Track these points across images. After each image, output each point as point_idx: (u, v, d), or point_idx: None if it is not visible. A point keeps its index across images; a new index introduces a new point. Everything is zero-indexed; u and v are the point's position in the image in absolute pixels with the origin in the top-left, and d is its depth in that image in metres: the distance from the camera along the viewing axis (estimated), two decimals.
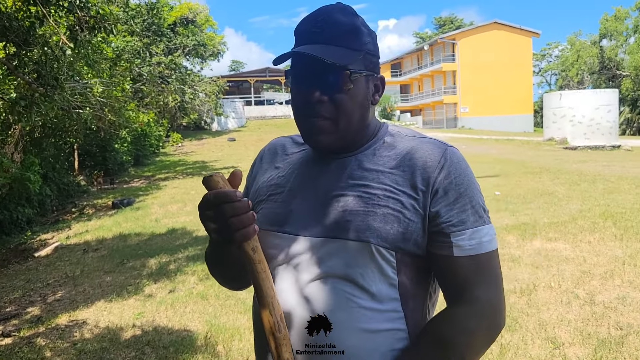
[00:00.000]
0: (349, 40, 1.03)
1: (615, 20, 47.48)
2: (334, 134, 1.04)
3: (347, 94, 1.03)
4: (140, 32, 21.46)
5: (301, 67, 1.04)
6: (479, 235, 1.01)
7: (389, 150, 1.08)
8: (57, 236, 9.35)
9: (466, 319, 0.99)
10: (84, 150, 17.22)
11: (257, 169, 1.23)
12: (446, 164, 1.03)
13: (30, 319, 4.89)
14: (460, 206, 1.01)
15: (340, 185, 1.05)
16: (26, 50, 5.56)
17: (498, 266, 1.05)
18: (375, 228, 0.99)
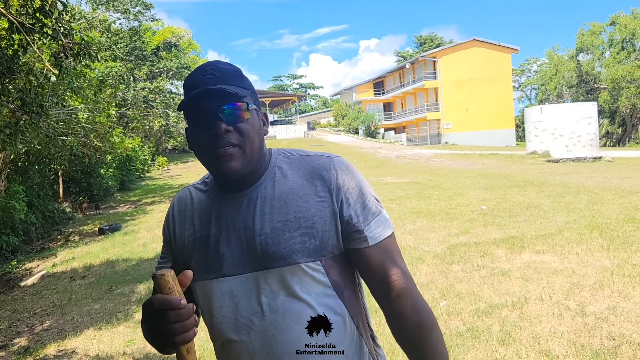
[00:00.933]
0: (237, 81, 1.17)
1: (590, 35, 48.56)
2: (242, 159, 1.14)
3: (247, 122, 1.16)
4: (124, 57, 21.46)
5: (203, 105, 1.13)
6: (381, 220, 1.19)
7: (286, 175, 1.21)
8: (42, 264, 9.20)
9: (412, 299, 1.15)
10: (68, 176, 17.05)
11: (173, 226, 1.30)
12: (339, 173, 1.18)
13: (17, 350, 4.80)
14: (361, 204, 1.18)
15: (255, 221, 1.17)
16: (10, 78, 5.53)
17: (396, 244, 1.24)
18: (298, 250, 1.13)
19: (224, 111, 1.13)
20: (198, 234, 1.23)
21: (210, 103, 1.13)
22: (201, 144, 1.16)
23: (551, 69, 52.43)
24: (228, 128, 1.13)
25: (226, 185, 1.22)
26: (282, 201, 1.17)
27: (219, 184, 1.25)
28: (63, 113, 7.72)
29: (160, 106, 23.53)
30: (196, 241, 1.23)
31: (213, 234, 1.21)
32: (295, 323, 1.13)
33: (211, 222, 1.22)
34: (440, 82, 42.08)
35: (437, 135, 42.18)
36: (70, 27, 4.95)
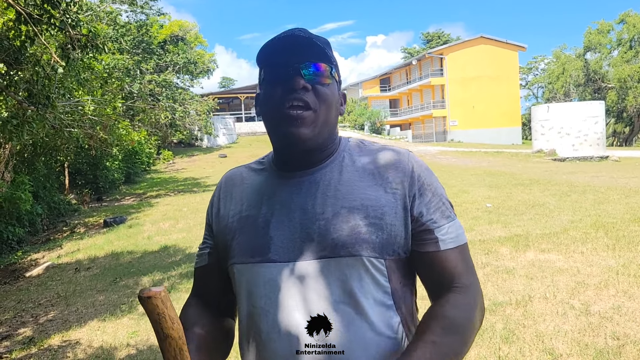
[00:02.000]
0: (327, 48, 1.06)
1: (598, 34, 48.24)
2: (313, 127, 1.03)
3: (328, 87, 1.05)
4: (130, 50, 21.48)
5: (283, 56, 1.03)
6: (455, 228, 1.08)
7: (355, 162, 1.09)
8: (48, 255, 9.25)
9: (467, 304, 1.03)
10: (74, 168, 17.12)
11: (218, 206, 1.18)
12: (414, 168, 1.08)
13: (22, 340, 4.82)
14: (435, 204, 1.07)
15: (316, 204, 1.04)
16: (17, 69, 5.55)
17: (470, 256, 1.12)
18: (363, 240, 1.00)
19: (306, 66, 1.03)
20: (245, 214, 1.11)
21: (293, 55, 1.02)
22: (272, 102, 1.04)
23: (558, 67, 52.14)
24: (306, 85, 1.02)
25: (287, 160, 1.10)
26: (349, 187, 1.05)
27: (278, 158, 1.13)
28: (70, 105, 7.74)
29: (167, 100, 23.55)
30: (242, 221, 1.10)
31: (263, 214, 1.08)
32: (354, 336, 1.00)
33: (262, 201, 1.10)
34: (446, 79, 41.92)
35: (442, 133, 42.05)
36: (78, 19, 4.95)
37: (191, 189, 17.76)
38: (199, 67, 33.69)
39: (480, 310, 1.05)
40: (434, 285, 1.07)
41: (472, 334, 1.02)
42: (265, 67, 1.08)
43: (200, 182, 19.73)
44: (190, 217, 11.39)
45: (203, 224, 5.87)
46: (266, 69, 1.07)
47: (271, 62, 1.06)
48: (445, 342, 0.96)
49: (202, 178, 20.90)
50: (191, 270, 6.71)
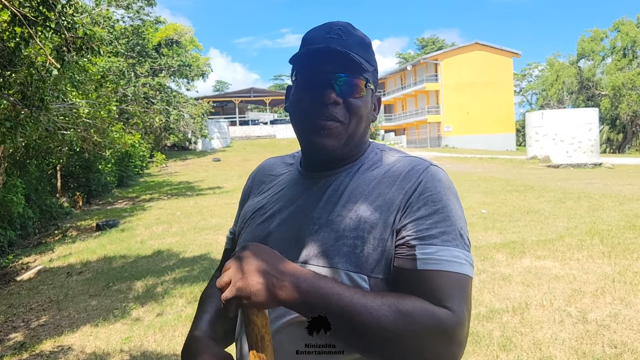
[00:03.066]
0: (364, 53, 1.03)
1: (591, 41, 48.61)
2: (340, 139, 1.02)
3: (360, 100, 1.02)
4: (125, 53, 21.40)
5: (317, 66, 1.01)
6: (449, 254, 0.92)
7: (371, 170, 1.05)
8: (39, 259, 9.15)
9: (430, 311, 0.87)
10: (67, 171, 17.00)
11: (248, 193, 1.23)
12: (423, 182, 0.98)
13: (13, 345, 4.75)
14: (432, 222, 0.94)
15: (317, 208, 1.03)
16: (11, 70, 5.49)
17: (470, 295, 0.94)
18: (345, 253, 0.95)
19: (339, 79, 1.00)
20: (261, 204, 1.13)
21: (327, 66, 1.00)
22: (301, 109, 1.03)
23: (552, 74, 52.50)
24: (337, 100, 0.99)
25: (310, 162, 1.10)
26: (352, 195, 1.01)
27: (303, 159, 1.13)
28: (64, 107, 7.68)
29: (161, 103, 23.48)
30: (255, 210, 1.13)
31: (272, 209, 1.10)
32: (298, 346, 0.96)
33: (277, 197, 1.12)
34: (441, 84, 42.08)
35: (437, 138, 42.18)
36: (74, 21, 4.91)
37: (185, 192, 17.69)
38: (193, 71, 33.64)
39: (439, 331, 0.86)
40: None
41: (400, 347, 0.86)
42: (299, 69, 1.05)
43: (194, 185, 19.65)
44: (184, 221, 11.32)
45: (196, 229, 5.89)
46: (299, 70, 1.05)
47: (305, 67, 1.04)
48: (372, 319, 0.85)
49: (196, 182, 20.82)
50: (185, 276, 6.68)
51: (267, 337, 0.87)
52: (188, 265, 7.25)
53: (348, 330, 0.87)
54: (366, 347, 0.88)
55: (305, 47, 1.02)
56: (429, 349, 0.87)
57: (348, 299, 0.86)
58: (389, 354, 0.87)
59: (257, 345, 0.86)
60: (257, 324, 0.86)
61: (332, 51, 0.98)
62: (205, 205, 13.52)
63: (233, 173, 23.19)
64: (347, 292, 0.87)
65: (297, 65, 1.05)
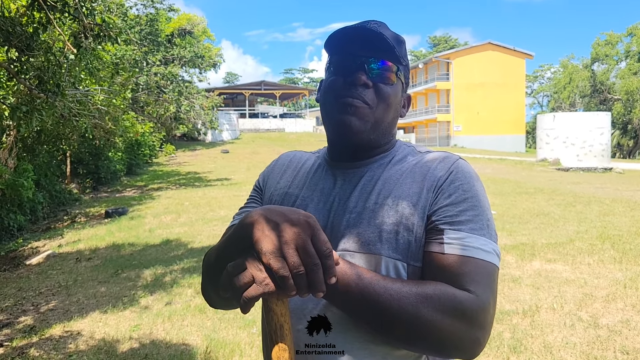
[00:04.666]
0: (399, 47, 1.05)
1: (606, 45, 48.21)
2: (366, 121, 1.02)
3: (390, 87, 1.04)
4: (138, 42, 21.43)
5: (350, 47, 1.02)
6: (477, 242, 0.93)
7: (402, 162, 1.07)
8: (48, 244, 9.20)
9: (451, 293, 0.87)
10: (76, 158, 17.07)
11: (268, 175, 1.22)
12: (454, 172, 1.00)
13: (22, 328, 4.78)
14: (461, 210, 0.96)
15: (351, 197, 1.03)
16: (28, 55, 5.50)
17: (496, 285, 0.94)
18: (386, 240, 0.96)
19: (371, 63, 1.01)
20: (289, 190, 1.13)
21: (360, 48, 1.01)
22: (331, 91, 1.04)
23: (565, 77, 52.13)
24: (368, 82, 1.00)
25: (339, 149, 1.10)
26: (387, 184, 1.02)
27: (331, 149, 1.13)
28: (79, 94, 7.70)
29: (173, 93, 23.51)
30: (284, 197, 1.13)
31: (303, 196, 1.10)
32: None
33: (306, 184, 1.12)
34: (452, 83, 41.90)
35: (446, 137, 42.04)
36: (92, 8, 4.92)
37: (193, 183, 17.72)
38: (205, 61, 33.65)
39: (462, 316, 0.86)
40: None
41: (432, 323, 0.85)
42: (333, 56, 1.07)
43: (202, 176, 19.68)
44: (192, 211, 11.34)
45: (205, 220, 5.89)
46: (333, 57, 1.07)
47: (339, 51, 1.05)
48: (393, 305, 0.85)
49: (204, 173, 20.86)
50: (193, 266, 6.68)
51: (286, 326, 0.86)
52: (196, 255, 7.27)
53: (369, 312, 0.87)
54: (388, 329, 0.88)
55: (330, 49, 1.05)
56: (450, 332, 0.86)
57: (367, 281, 0.87)
58: (410, 336, 0.88)
59: (277, 334, 0.86)
60: (276, 312, 0.85)
61: (367, 31, 0.99)
62: (213, 197, 13.55)
63: (241, 165, 23.22)
64: (367, 274, 0.88)
65: (331, 49, 1.06)
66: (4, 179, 9.14)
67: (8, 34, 5.20)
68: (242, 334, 4.26)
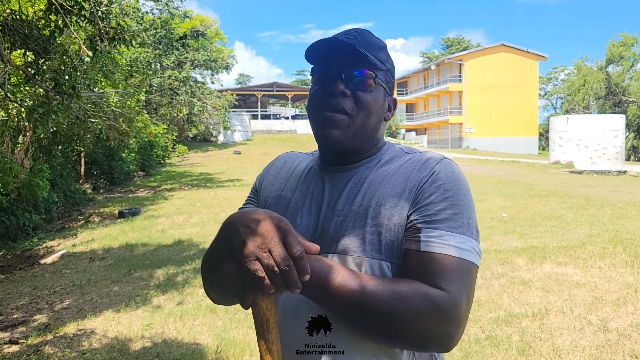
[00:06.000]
0: (377, 53, 1.08)
1: (621, 46, 47.72)
2: (347, 131, 1.06)
3: (369, 94, 1.07)
4: (152, 44, 21.63)
5: (327, 60, 1.06)
6: (453, 239, 0.95)
7: (388, 165, 1.10)
8: (63, 243, 9.34)
9: (423, 291, 0.90)
10: (90, 158, 17.27)
11: (265, 175, 1.27)
12: (436, 172, 1.03)
13: (37, 326, 4.87)
14: (440, 209, 0.98)
15: (340, 200, 1.07)
16: (45, 58, 5.61)
17: (473, 282, 0.96)
18: (369, 241, 1.00)
19: (347, 72, 1.05)
20: (282, 193, 1.18)
21: (336, 59, 1.05)
22: (313, 103, 1.09)
23: (579, 79, 51.65)
24: (345, 91, 1.04)
25: (326, 156, 1.15)
26: (372, 186, 1.06)
27: (320, 155, 1.18)
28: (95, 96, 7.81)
29: (186, 95, 23.69)
30: (278, 200, 1.18)
31: (296, 199, 1.14)
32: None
33: (298, 187, 1.16)
34: (465, 85, 41.70)
35: (458, 139, 41.86)
36: (108, 11, 5.01)
37: (205, 184, 17.84)
38: (218, 64, 33.84)
39: (436, 313, 0.89)
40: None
41: (394, 326, 0.89)
42: (314, 68, 1.11)
43: (214, 177, 19.81)
44: (204, 212, 11.43)
45: (216, 220, 5.95)
46: (314, 68, 1.11)
47: (318, 62, 1.10)
48: (368, 302, 0.89)
49: (217, 174, 20.98)
50: None
51: (272, 320, 0.90)
52: None
53: (345, 308, 0.91)
54: (364, 325, 0.92)
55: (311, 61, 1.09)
56: (424, 329, 0.90)
57: (342, 277, 0.91)
58: (387, 333, 0.92)
59: (263, 327, 0.90)
60: (262, 307, 0.89)
61: (339, 42, 1.03)
62: (225, 197, 13.63)
63: (253, 166, 23.32)
64: (344, 272, 0.93)
65: (313, 62, 1.10)
66: (20, 179, 9.29)
67: (25, 38, 5.30)
68: (253, 334, 4.31)
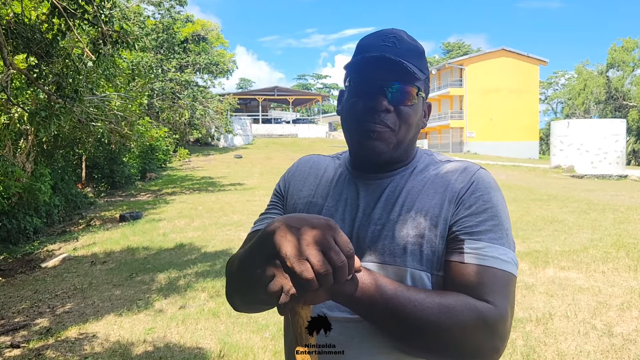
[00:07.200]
0: (417, 61, 1.05)
1: (623, 51, 47.76)
2: (389, 143, 1.04)
3: (411, 108, 1.05)
4: (153, 49, 21.67)
5: (370, 73, 1.03)
6: (495, 251, 0.96)
7: (424, 173, 1.09)
8: (64, 247, 9.32)
9: (472, 305, 0.90)
10: (91, 162, 17.28)
11: (290, 180, 1.23)
12: (475, 183, 1.03)
13: (39, 330, 4.85)
14: (481, 220, 0.99)
15: (377, 208, 1.06)
16: (47, 62, 5.61)
17: (513, 293, 0.97)
18: (410, 252, 0.99)
19: (392, 87, 1.02)
20: (313, 200, 1.15)
21: (380, 73, 1.02)
22: (354, 114, 1.06)
23: (579, 83, 51.71)
24: (389, 107, 1.02)
25: (361, 165, 1.12)
26: (409, 194, 1.05)
27: (353, 161, 1.14)
28: (97, 99, 7.82)
29: (187, 99, 23.72)
30: (309, 206, 1.14)
31: (328, 206, 1.11)
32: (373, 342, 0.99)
33: (329, 194, 1.13)
34: (466, 89, 41.73)
35: (459, 144, 41.85)
36: (111, 15, 5.01)
37: (206, 188, 17.84)
38: (219, 68, 33.90)
39: (483, 325, 0.89)
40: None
41: (443, 340, 0.89)
42: (353, 75, 1.07)
43: (215, 181, 19.80)
44: (206, 216, 11.42)
45: (218, 225, 5.92)
46: (353, 76, 1.07)
47: (358, 73, 1.06)
48: (416, 315, 0.88)
49: (218, 178, 20.98)
50: (207, 270, 6.73)
51: None
52: (210, 260, 7.32)
53: (391, 322, 0.89)
54: (411, 339, 0.90)
55: (361, 54, 1.04)
56: (471, 342, 0.89)
57: (391, 292, 0.89)
58: (433, 347, 0.90)
59: (301, 336, 0.87)
60: (301, 315, 0.87)
61: (386, 60, 1.00)
62: (226, 201, 13.62)
63: (254, 170, 23.32)
64: (391, 285, 0.90)
65: (351, 72, 1.07)
66: (22, 183, 9.28)
67: (28, 41, 5.31)
68: (256, 338, 4.29)
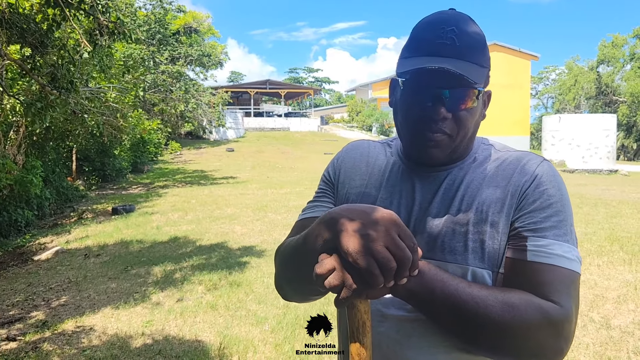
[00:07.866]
0: (478, 57, 0.98)
1: (612, 47, 48.05)
2: (447, 149, 1.00)
3: (469, 111, 0.99)
4: (145, 40, 21.49)
5: (426, 79, 0.96)
6: (560, 249, 0.91)
7: (484, 165, 1.04)
8: (56, 240, 9.24)
9: (537, 304, 0.87)
10: (82, 154, 17.12)
11: (340, 168, 1.18)
12: (539, 176, 0.97)
13: (35, 323, 4.81)
14: (545, 216, 0.94)
15: (434, 202, 1.02)
16: (42, 52, 5.53)
17: (578, 292, 0.93)
18: (472, 249, 0.95)
19: (450, 94, 0.96)
20: (366, 190, 1.10)
21: (437, 80, 0.95)
22: (410, 119, 1.00)
23: (570, 79, 51.97)
24: (447, 115, 0.96)
25: (415, 159, 1.07)
26: (469, 188, 1.00)
27: (408, 155, 1.09)
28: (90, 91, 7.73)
29: (179, 91, 23.57)
30: (362, 197, 1.09)
31: (382, 197, 1.07)
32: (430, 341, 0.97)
33: (383, 184, 1.09)
34: None
35: None
36: (108, 5, 4.95)
37: (199, 181, 17.76)
38: (211, 60, 33.69)
39: (548, 325, 0.86)
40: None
41: (505, 338, 0.86)
42: (406, 77, 0.99)
43: (208, 175, 19.72)
44: (199, 209, 11.37)
45: (212, 218, 5.89)
46: (407, 78, 0.99)
47: (415, 79, 0.98)
48: (479, 312, 0.85)
49: (210, 171, 20.90)
50: (203, 263, 6.70)
51: (367, 323, 0.86)
52: (205, 253, 7.29)
53: (453, 319, 0.87)
54: (472, 336, 0.88)
55: (416, 54, 0.97)
56: (536, 342, 0.86)
57: (453, 288, 0.86)
58: (495, 345, 0.87)
59: (359, 330, 0.85)
60: (360, 309, 0.85)
61: (445, 71, 0.92)
62: (220, 195, 13.57)
63: (246, 164, 23.25)
64: (452, 281, 0.87)
65: (405, 74, 0.98)
66: (13, 175, 9.18)
67: (22, 31, 5.23)
68: (255, 331, 4.28)
